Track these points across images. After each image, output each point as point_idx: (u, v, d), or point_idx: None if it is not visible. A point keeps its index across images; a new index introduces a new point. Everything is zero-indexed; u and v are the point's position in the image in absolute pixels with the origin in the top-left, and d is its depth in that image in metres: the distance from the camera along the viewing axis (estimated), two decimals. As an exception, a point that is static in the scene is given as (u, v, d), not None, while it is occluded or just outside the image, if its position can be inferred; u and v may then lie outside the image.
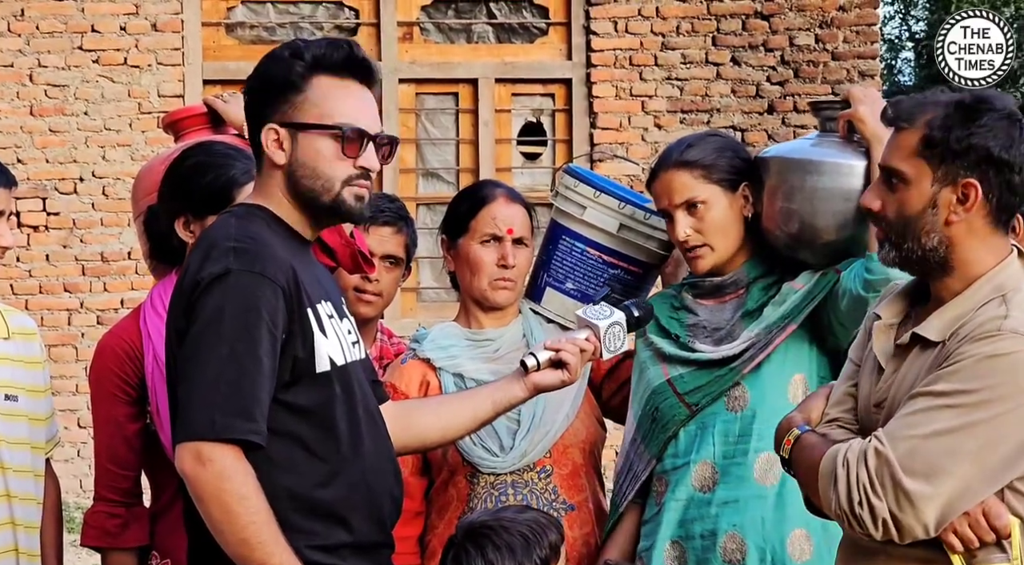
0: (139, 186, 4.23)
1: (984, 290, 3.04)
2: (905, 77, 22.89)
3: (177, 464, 3.11)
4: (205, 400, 3.10)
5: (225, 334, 3.12)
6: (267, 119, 3.32)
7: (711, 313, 4.06)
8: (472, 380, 4.12)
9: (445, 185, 10.77)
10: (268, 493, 3.12)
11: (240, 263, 3.16)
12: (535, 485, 4.09)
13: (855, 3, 10.74)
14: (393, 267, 4.47)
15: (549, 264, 4.34)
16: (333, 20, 10.80)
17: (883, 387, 3.14)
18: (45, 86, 10.35)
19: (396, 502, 3.42)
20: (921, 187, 3.04)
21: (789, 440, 3.21)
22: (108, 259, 10.40)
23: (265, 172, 3.36)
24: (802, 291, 3.94)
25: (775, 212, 3.96)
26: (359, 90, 3.35)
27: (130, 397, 3.90)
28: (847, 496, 2.97)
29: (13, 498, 3.86)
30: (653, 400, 4.03)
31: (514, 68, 10.81)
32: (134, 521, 3.93)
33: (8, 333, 3.96)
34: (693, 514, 3.95)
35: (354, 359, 3.37)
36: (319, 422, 3.24)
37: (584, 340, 3.68)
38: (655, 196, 4.06)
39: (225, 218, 3.34)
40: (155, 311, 3.89)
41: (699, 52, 10.70)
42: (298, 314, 3.21)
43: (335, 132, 3.28)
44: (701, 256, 4.00)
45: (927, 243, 3.05)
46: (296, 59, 3.31)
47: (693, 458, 3.96)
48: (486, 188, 4.35)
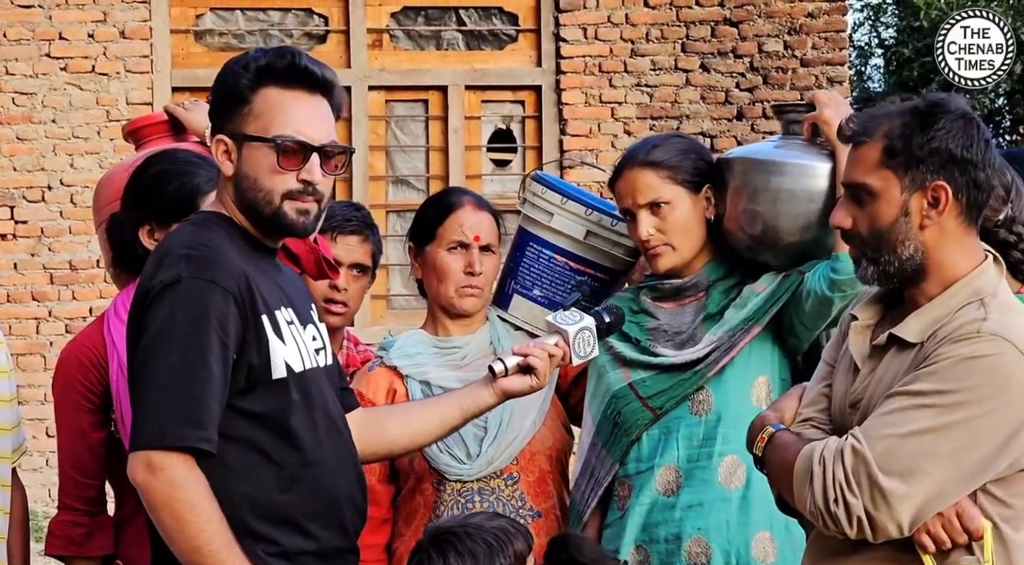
0: (100, 194, 4.22)
1: (962, 294, 3.08)
2: (875, 83, 22.97)
3: (129, 473, 3.12)
4: (155, 408, 3.10)
5: (175, 342, 3.12)
6: (220, 129, 3.33)
7: (671, 316, 4.06)
8: (439, 387, 4.11)
9: (415, 192, 10.76)
10: (226, 500, 3.12)
11: (191, 270, 3.16)
12: (502, 492, 4.09)
13: (824, 10, 10.76)
14: (360, 276, 4.46)
15: (516, 271, 4.34)
16: (302, 27, 10.78)
17: (859, 387, 3.17)
18: (12, 94, 10.30)
19: (359, 509, 3.42)
20: (890, 197, 3.08)
21: (763, 438, 3.23)
22: (76, 267, 10.36)
23: (221, 181, 3.37)
24: (765, 293, 3.95)
25: (738, 213, 3.97)
26: (307, 100, 3.33)
27: (94, 405, 3.89)
28: (823, 494, 2.99)
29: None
30: (614, 404, 4.03)
31: (484, 75, 10.80)
32: (98, 530, 3.91)
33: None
34: (657, 518, 3.96)
35: (315, 365, 3.36)
36: (276, 428, 3.24)
37: (553, 345, 3.69)
38: (618, 195, 4.06)
39: (183, 226, 3.35)
40: (119, 318, 3.87)
41: (668, 59, 10.71)
42: (252, 321, 3.20)
43: (271, 144, 3.27)
44: (662, 254, 4.01)
45: (903, 252, 3.08)
46: (244, 70, 3.30)
47: (657, 462, 3.97)
48: (453, 195, 4.35)
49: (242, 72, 3.29)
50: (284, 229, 3.34)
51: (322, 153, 3.31)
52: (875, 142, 3.09)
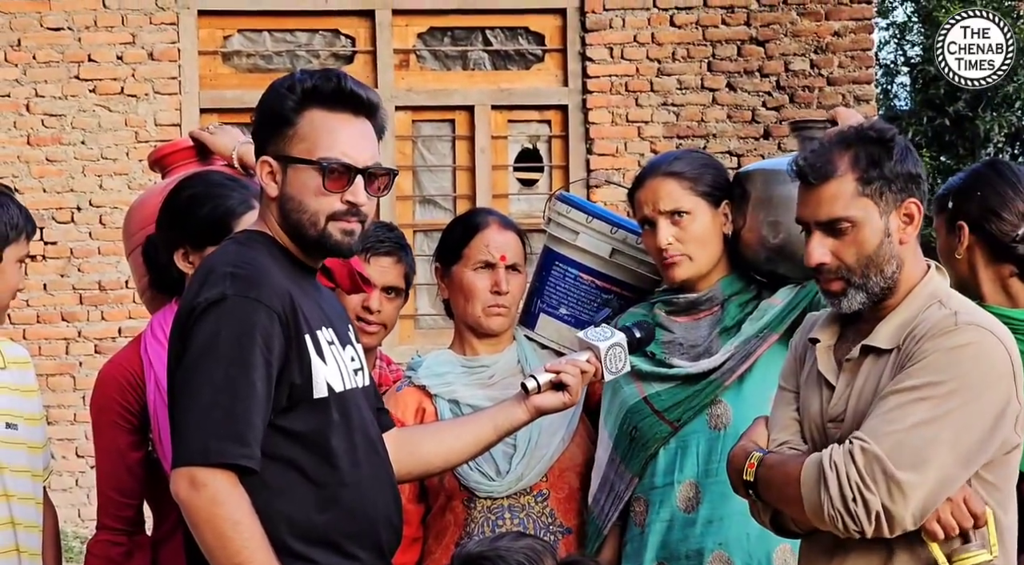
0: (132, 220, 4.23)
1: (921, 298, 3.29)
2: (901, 102, 22.90)
3: (172, 489, 3.14)
4: (199, 425, 3.12)
5: (220, 359, 3.14)
6: (263, 151, 3.36)
7: (686, 330, 4.08)
8: (468, 406, 4.13)
9: (442, 212, 10.78)
10: (265, 518, 3.14)
11: (236, 289, 3.18)
12: (532, 509, 4.10)
13: (850, 28, 10.76)
14: (394, 298, 4.46)
15: (543, 290, 4.36)
16: (329, 48, 10.82)
17: (838, 402, 3.31)
18: (42, 115, 10.36)
19: (395, 529, 3.44)
20: (872, 223, 3.27)
21: (752, 463, 3.34)
22: (106, 288, 10.40)
23: (264, 202, 3.40)
24: (781, 305, 3.97)
25: (758, 223, 4.01)
26: (353, 122, 3.36)
27: (132, 425, 3.91)
28: (840, 495, 3.11)
29: (18, 525, 3.89)
30: (630, 419, 4.04)
31: (510, 95, 10.83)
32: (137, 550, 3.93)
33: (4, 362, 3.99)
34: (678, 535, 3.97)
35: (355, 386, 3.38)
36: (315, 448, 3.26)
37: (585, 361, 3.71)
38: (638, 204, 4.09)
39: (226, 244, 3.37)
40: (156, 339, 3.90)
41: (695, 78, 10.72)
42: (295, 340, 3.23)
43: (317, 166, 3.30)
44: (678, 264, 4.03)
45: (887, 270, 3.28)
46: (289, 92, 3.32)
47: (677, 478, 3.99)
48: (479, 215, 4.37)
49: (287, 94, 3.32)
50: (329, 250, 3.37)
51: (366, 175, 3.35)
52: (843, 176, 3.28)
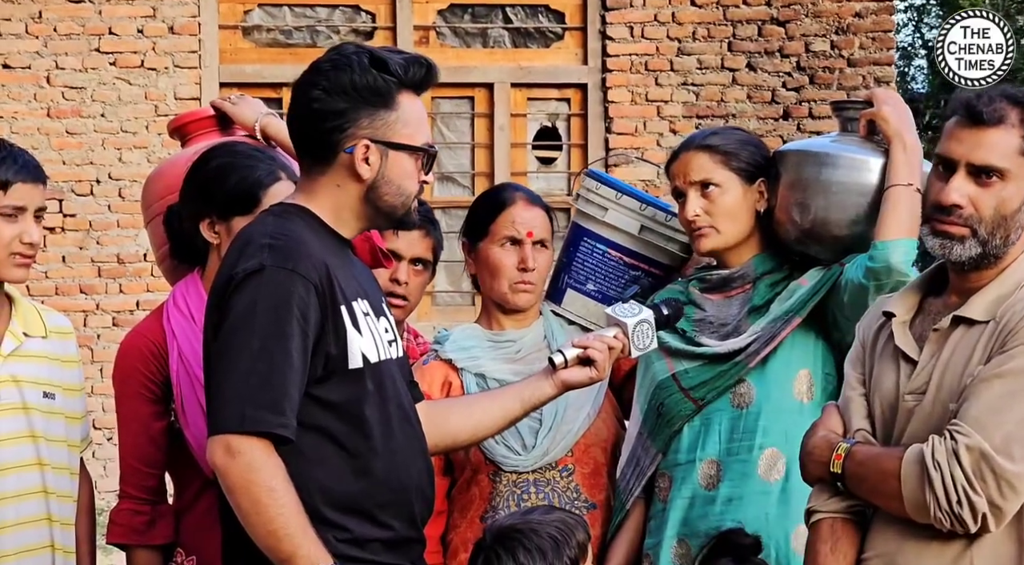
0: (152, 189, 4.22)
1: (1018, 274, 3.18)
2: (918, 84, 22.88)
3: (208, 456, 3.17)
4: (236, 393, 3.15)
5: (257, 329, 3.16)
6: (353, 129, 3.34)
7: (718, 308, 4.08)
8: (494, 380, 4.14)
9: (460, 189, 10.79)
10: (299, 486, 3.16)
11: (274, 259, 3.20)
12: (557, 483, 4.11)
13: (871, 9, 10.75)
14: (421, 270, 4.46)
15: (570, 266, 4.36)
16: (350, 24, 10.82)
17: (920, 373, 3.20)
18: (62, 88, 10.38)
19: (428, 499, 3.46)
20: (1020, 184, 3.16)
21: (839, 455, 3.25)
22: (124, 261, 10.43)
23: (326, 178, 3.38)
24: (808, 286, 3.97)
25: (789, 204, 4.00)
26: (423, 105, 3.43)
27: (155, 395, 3.91)
28: (946, 498, 3.03)
29: (50, 494, 3.90)
30: (658, 395, 4.05)
31: (530, 73, 10.82)
32: (160, 518, 3.94)
33: (46, 332, 3.99)
34: (698, 512, 3.97)
35: (389, 357, 3.40)
36: (350, 418, 3.28)
37: (612, 337, 3.71)
38: (672, 176, 4.10)
39: (263, 216, 3.39)
40: (178, 310, 3.90)
41: (715, 58, 10.72)
42: (331, 311, 3.25)
43: (419, 153, 3.37)
44: (706, 235, 4.03)
45: (1012, 236, 3.18)
46: (384, 73, 3.33)
47: (699, 455, 3.99)
48: (506, 191, 4.37)
49: (382, 76, 3.33)
50: (406, 226, 3.51)
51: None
52: (1012, 128, 3.17)
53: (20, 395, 3.88)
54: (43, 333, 3.98)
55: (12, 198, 3.84)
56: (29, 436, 3.88)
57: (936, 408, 3.15)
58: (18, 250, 3.88)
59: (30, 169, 3.88)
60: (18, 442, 3.86)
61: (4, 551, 3.80)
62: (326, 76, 3.34)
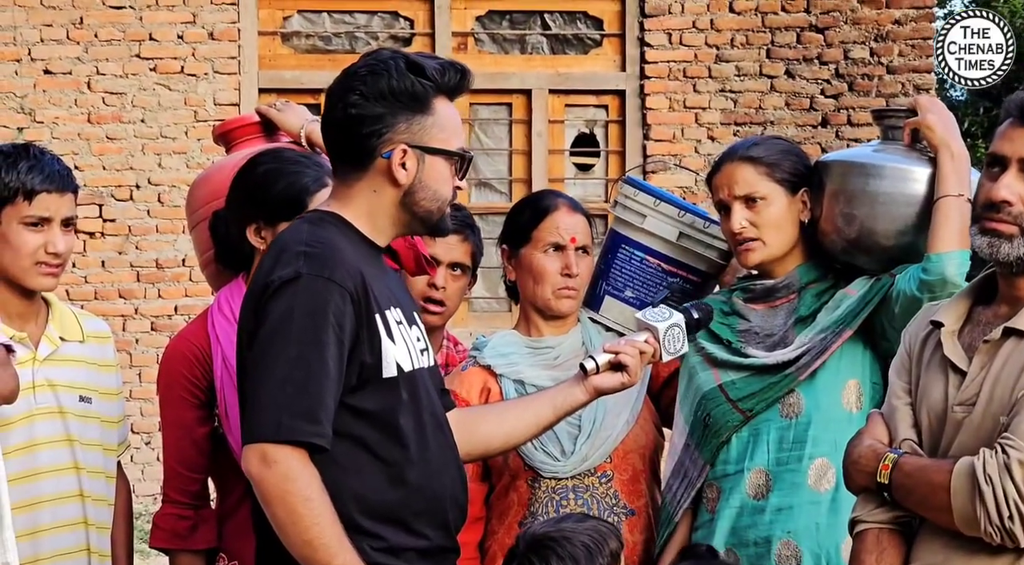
0: (197, 194, 4.24)
1: None
2: (957, 92, 22.79)
3: (244, 465, 3.16)
4: (271, 402, 3.14)
5: (293, 337, 3.16)
6: (391, 134, 3.33)
7: (763, 318, 4.07)
8: (532, 386, 4.14)
9: (498, 195, 10.79)
10: (334, 495, 3.16)
11: (310, 267, 3.20)
12: (596, 490, 4.11)
13: (911, 17, 10.72)
14: (460, 275, 4.45)
15: (608, 273, 4.37)
16: (388, 30, 10.84)
17: (970, 384, 3.17)
18: (103, 94, 10.42)
19: (461, 508, 3.46)
20: None
21: (887, 466, 3.23)
22: (163, 266, 10.47)
23: (362, 184, 3.38)
24: (856, 296, 3.96)
25: (834, 215, 3.98)
26: (457, 111, 3.43)
27: (199, 401, 3.94)
28: (997, 512, 3.01)
29: (87, 498, 3.91)
30: (704, 406, 4.04)
31: (568, 79, 10.83)
32: (203, 523, 3.96)
33: (83, 336, 4.01)
34: (747, 521, 3.97)
35: (422, 366, 3.39)
36: (384, 426, 3.28)
37: (643, 342, 3.71)
38: (715, 188, 4.09)
39: (298, 223, 3.37)
40: (223, 315, 3.92)
41: (753, 65, 10.70)
42: (366, 319, 3.25)
43: (455, 158, 3.37)
44: (752, 249, 4.02)
45: None
46: (421, 78, 3.33)
47: (747, 465, 3.98)
48: (548, 198, 4.37)
49: (420, 81, 3.33)
50: (440, 232, 3.47)
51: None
52: None
53: (56, 399, 3.89)
54: (80, 337, 3.99)
55: (37, 208, 3.82)
56: (66, 440, 3.89)
57: (986, 420, 3.12)
58: (43, 259, 3.85)
59: (56, 179, 3.86)
60: (55, 446, 3.88)
61: (41, 554, 3.81)
62: (363, 81, 3.32)
